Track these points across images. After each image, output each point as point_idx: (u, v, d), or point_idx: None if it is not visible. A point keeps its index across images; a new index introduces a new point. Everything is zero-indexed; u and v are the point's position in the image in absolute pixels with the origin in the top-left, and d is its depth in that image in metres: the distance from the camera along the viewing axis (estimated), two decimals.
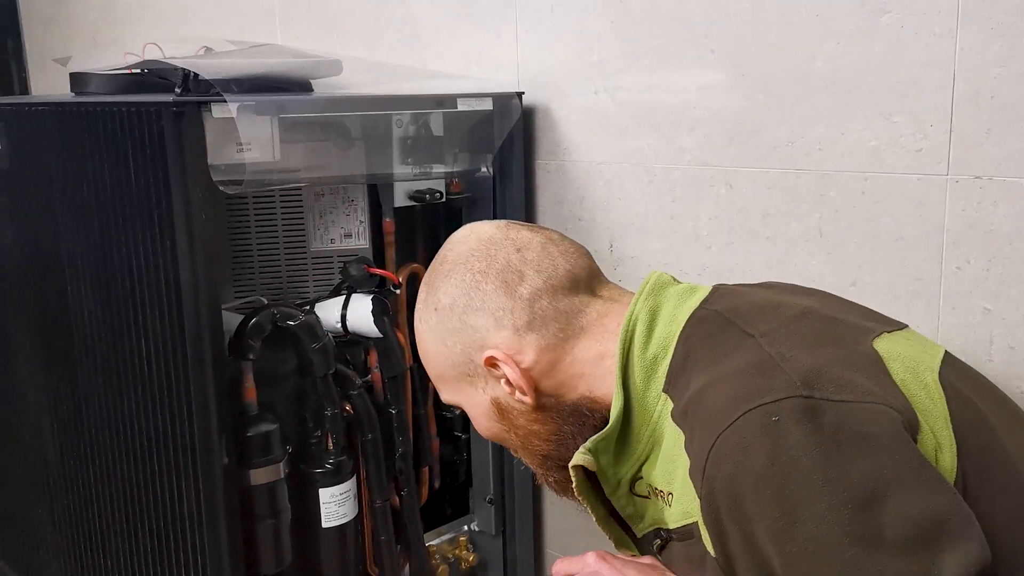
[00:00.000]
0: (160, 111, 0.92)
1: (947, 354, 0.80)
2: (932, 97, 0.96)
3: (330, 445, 1.14)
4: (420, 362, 0.93)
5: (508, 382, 0.84)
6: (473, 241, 0.87)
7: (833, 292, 1.05)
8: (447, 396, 0.91)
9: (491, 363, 0.84)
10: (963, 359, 0.99)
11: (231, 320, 1.07)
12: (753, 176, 1.12)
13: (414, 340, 0.93)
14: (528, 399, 0.84)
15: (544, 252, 0.85)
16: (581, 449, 0.81)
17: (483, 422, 0.89)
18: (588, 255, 0.89)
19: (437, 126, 1.20)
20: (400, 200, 1.24)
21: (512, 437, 0.88)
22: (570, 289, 0.84)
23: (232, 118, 0.95)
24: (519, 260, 0.84)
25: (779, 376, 0.70)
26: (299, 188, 1.21)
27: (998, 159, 0.93)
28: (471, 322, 0.84)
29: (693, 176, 1.18)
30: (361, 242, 1.26)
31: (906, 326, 0.83)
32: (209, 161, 0.95)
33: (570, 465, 0.82)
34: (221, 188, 0.96)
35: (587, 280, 0.86)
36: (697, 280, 1.19)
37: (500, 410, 0.87)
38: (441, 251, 0.90)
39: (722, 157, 1.14)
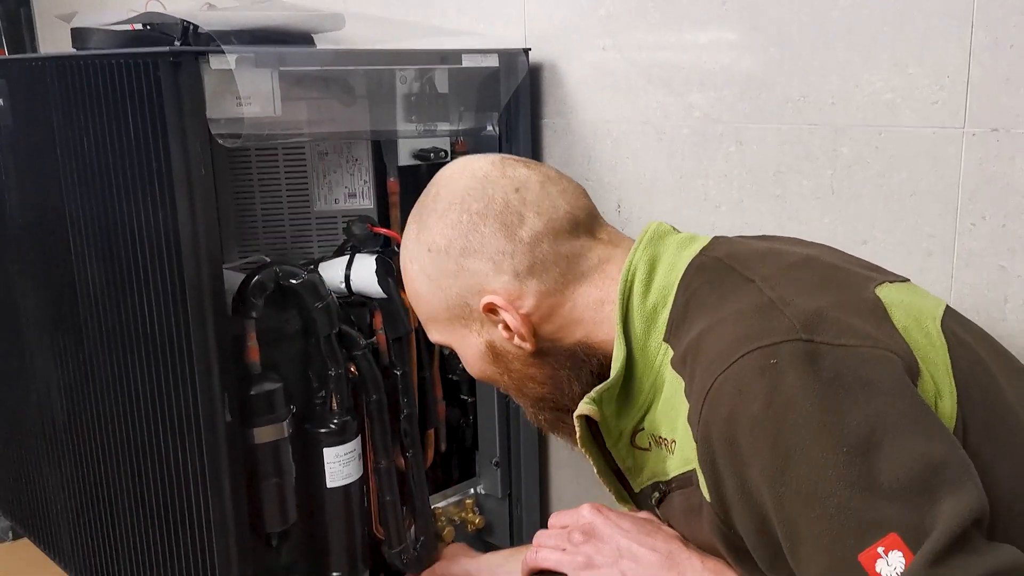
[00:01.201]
0: (157, 62, 0.91)
1: (948, 307, 0.79)
2: (949, 47, 0.94)
3: (334, 406, 1.14)
4: None
5: (507, 327, 0.82)
6: (468, 178, 0.84)
7: (845, 251, 1.04)
8: (437, 337, 0.89)
9: (490, 309, 0.82)
10: (976, 318, 0.97)
11: (234, 279, 1.06)
12: (764, 133, 1.10)
13: None
14: (528, 345, 0.83)
15: (543, 192, 0.82)
16: (585, 399, 0.80)
17: (476, 364, 0.88)
18: (586, 194, 0.87)
19: (442, 83, 1.18)
20: (404, 159, 1.22)
21: (506, 379, 0.87)
22: (571, 232, 0.82)
23: (231, 70, 0.93)
24: (518, 200, 0.81)
25: (779, 319, 0.69)
26: (302, 147, 1.20)
27: (1017, 111, 0.91)
28: (468, 266, 0.82)
29: (703, 134, 1.15)
30: (365, 202, 1.24)
31: (908, 279, 0.81)
32: (208, 114, 0.93)
33: (575, 415, 0.81)
34: (220, 141, 0.95)
35: (587, 221, 0.84)
36: None
37: (495, 354, 0.85)
38: (432, 186, 0.86)
39: (733, 114, 1.12)
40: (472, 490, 1.42)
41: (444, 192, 0.84)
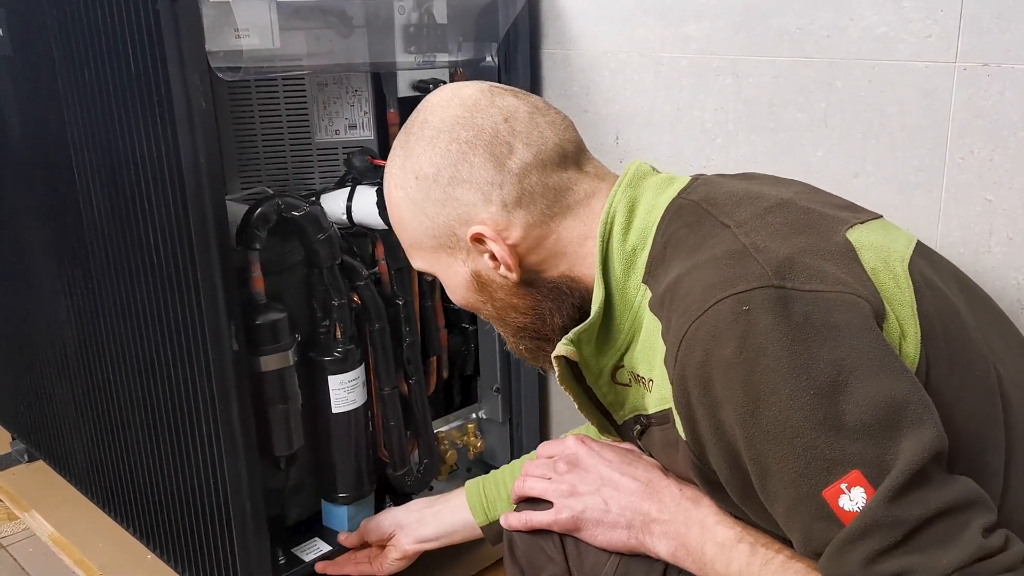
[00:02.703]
0: None
1: (920, 243, 0.80)
2: None
3: (338, 334, 1.17)
4: None
5: (493, 257, 0.83)
6: (456, 106, 0.83)
7: (836, 184, 1.05)
8: (420, 264, 0.89)
9: (477, 239, 0.82)
10: (963, 250, 1.00)
11: (238, 211, 1.08)
12: (760, 65, 1.10)
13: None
14: (513, 275, 0.83)
15: (532, 122, 0.82)
16: (564, 340, 0.81)
17: (459, 292, 0.88)
18: (573, 126, 0.86)
19: (440, 13, 1.18)
20: (404, 90, 1.23)
21: (489, 308, 0.87)
22: (558, 164, 0.82)
23: (228, 3, 0.94)
24: (507, 131, 0.81)
25: (752, 266, 0.70)
26: (302, 79, 1.21)
27: (1007, 45, 0.91)
28: (457, 195, 0.81)
29: (700, 66, 1.16)
30: (366, 133, 1.26)
31: (880, 216, 0.83)
32: (207, 47, 0.94)
33: (553, 356, 0.83)
34: (219, 75, 0.96)
35: (574, 154, 0.84)
36: (703, 171, 1.19)
37: (480, 283, 0.86)
38: (419, 112, 0.85)
39: (729, 46, 1.12)
40: (474, 415, 1.46)
41: (432, 119, 0.83)
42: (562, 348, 0.81)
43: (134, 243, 1.10)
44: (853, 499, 0.65)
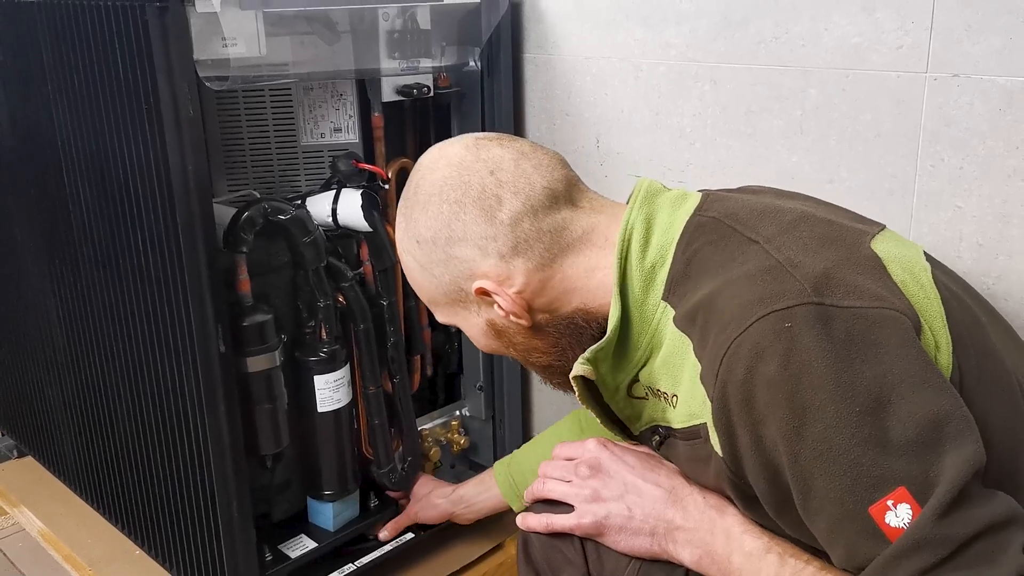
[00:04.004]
0: (144, 6, 0.93)
1: (926, 252, 0.82)
2: None
3: (323, 335, 1.19)
4: None
5: (501, 308, 0.84)
6: (444, 167, 0.84)
7: (811, 189, 1.08)
8: (443, 318, 0.91)
9: (482, 292, 0.83)
10: (934, 255, 1.02)
11: (225, 214, 1.09)
12: (737, 72, 1.12)
13: None
14: (523, 321, 0.84)
15: (518, 170, 0.83)
16: (580, 359, 0.82)
17: (481, 341, 0.90)
18: (563, 163, 0.87)
19: (424, 19, 1.20)
20: (388, 95, 1.24)
21: (512, 352, 0.89)
22: (550, 206, 0.82)
23: (216, 12, 0.95)
24: (494, 183, 0.82)
25: (789, 282, 0.71)
26: (288, 83, 1.22)
27: (976, 57, 0.94)
28: (456, 253, 0.83)
29: (679, 72, 1.18)
30: (351, 136, 1.27)
31: (885, 226, 0.83)
32: (195, 56, 0.95)
33: (571, 376, 0.83)
34: (208, 84, 0.97)
35: (566, 192, 0.84)
36: (681, 176, 1.22)
37: (497, 331, 0.87)
38: (412, 178, 0.87)
39: (708, 53, 1.14)
40: (457, 412, 1.48)
41: (424, 184, 0.85)
42: (579, 368, 0.82)
43: (122, 245, 1.12)
44: (899, 516, 0.65)
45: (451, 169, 0.84)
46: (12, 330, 1.53)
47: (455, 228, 0.82)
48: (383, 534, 1.31)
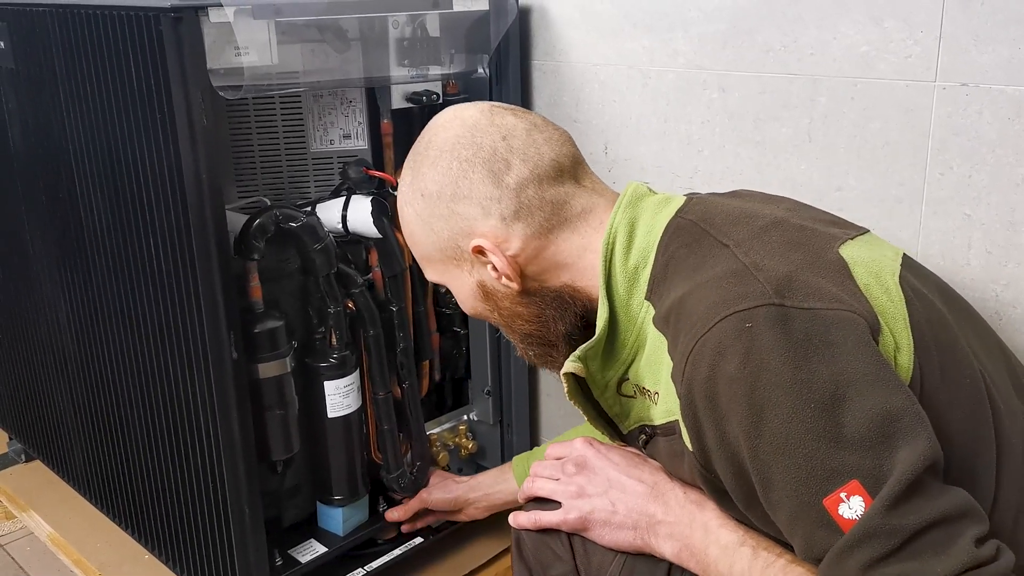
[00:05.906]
0: (158, 16, 0.93)
1: (906, 256, 0.84)
2: (923, 2, 0.97)
3: (334, 341, 1.20)
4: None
5: (495, 268, 0.87)
6: (458, 127, 0.87)
7: (819, 197, 1.08)
8: (432, 276, 0.93)
9: (478, 251, 0.86)
10: (942, 263, 1.03)
11: (236, 220, 1.10)
12: (746, 80, 1.13)
13: None
14: (514, 285, 0.87)
15: (529, 139, 0.86)
16: (571, 358, 0.85)
17: (468, 302, 0.93)
18: (571, 141, 0.90)
19: (433, 27, 1.20)
20: (397, 102, 1.25)
21: (496, 316, 0.92)
22: (555, 178, 0.86)
23: (229, 22, 0.96)
24: (505, 148, 0.85)
25: (753, 285, 0.74)
26: (298, 90, 1.23)
27: (985, 66, 0.94)
28: (459, 210, 0.86)
29: (687, 79, 1.19)
30: (360, 143, 1.28)
31: (868, 231, 0.86)
32: (208, 66, 0.96)
33: (561, 373, 0.87)
34: (221, 93, 0.98)
35: (571, 168, 0.88)
36: (689, 183, 1.23)
37: (485, 292, 0.90)
38: (425, 134, 0.90)
39: (716, 61, 1.15)
40: (465, 417, 1.49)
41: (436, 140, 0.88)
42: (570, 365, 0.85)
43: (135, 252, 1.13)
44: (852, 507, 0.68)
45: (464, 129, 0.87)
46: (22, 335, 1.53)
47: (461, 185, 0.85)
48: (394, 515, 1.31)
